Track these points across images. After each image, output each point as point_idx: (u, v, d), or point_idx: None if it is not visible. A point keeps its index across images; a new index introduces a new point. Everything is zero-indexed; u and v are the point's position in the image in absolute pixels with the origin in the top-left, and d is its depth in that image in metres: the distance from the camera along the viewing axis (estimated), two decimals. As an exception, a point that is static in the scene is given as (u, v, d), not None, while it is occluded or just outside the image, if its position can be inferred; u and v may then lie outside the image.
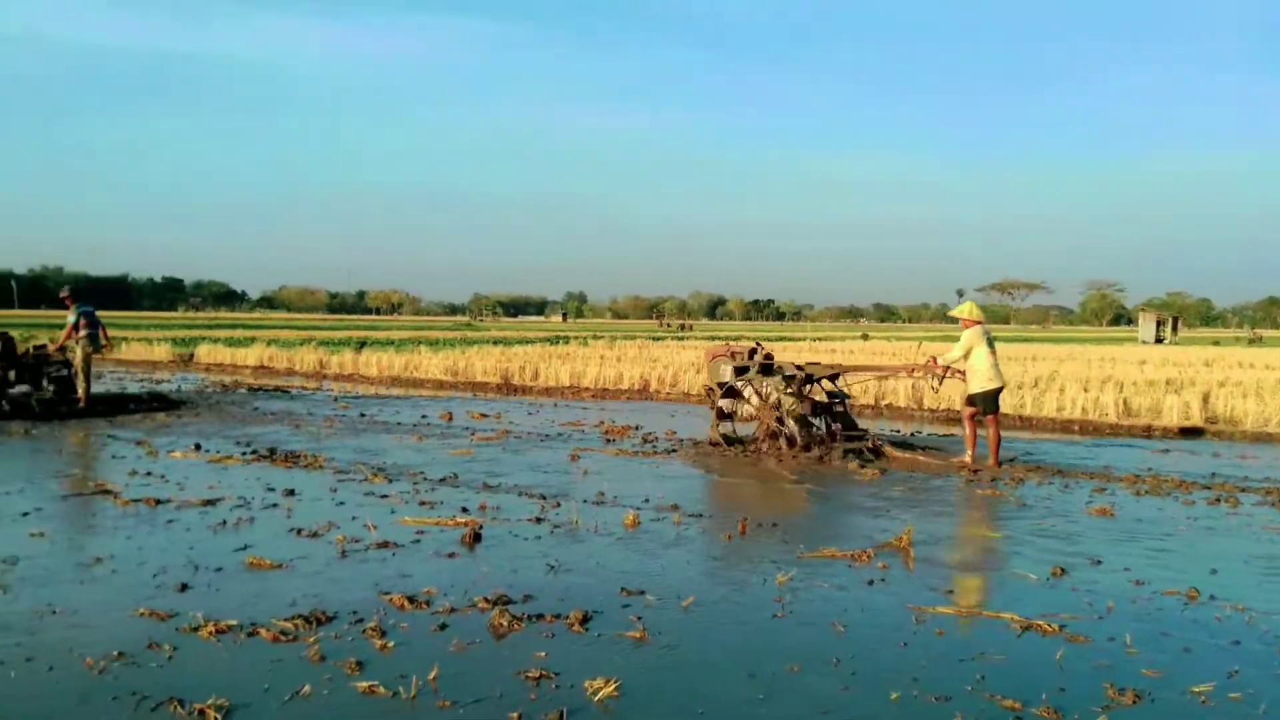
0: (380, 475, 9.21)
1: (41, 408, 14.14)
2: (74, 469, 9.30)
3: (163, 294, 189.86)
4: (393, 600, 5.28)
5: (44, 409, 14.10)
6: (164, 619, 4.90)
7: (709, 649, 4.70)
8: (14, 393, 14.52)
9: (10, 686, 4.07)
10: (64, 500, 7.81)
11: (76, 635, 4.69)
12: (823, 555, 6.48)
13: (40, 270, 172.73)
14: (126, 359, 28.61)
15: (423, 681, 4.13)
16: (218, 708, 3.82)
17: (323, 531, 6.86)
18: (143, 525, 6.99)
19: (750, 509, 7.99)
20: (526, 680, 4.20)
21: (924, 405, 17.03)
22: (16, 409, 14.00)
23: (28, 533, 6.68)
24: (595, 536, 6.94)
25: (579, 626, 4.90)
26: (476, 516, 7.40)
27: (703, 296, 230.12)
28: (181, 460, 9.95)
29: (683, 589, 5.63)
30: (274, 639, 4.66)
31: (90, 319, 14.77)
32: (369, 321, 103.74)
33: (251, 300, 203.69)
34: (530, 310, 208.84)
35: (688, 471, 9.95)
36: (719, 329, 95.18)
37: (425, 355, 24.93)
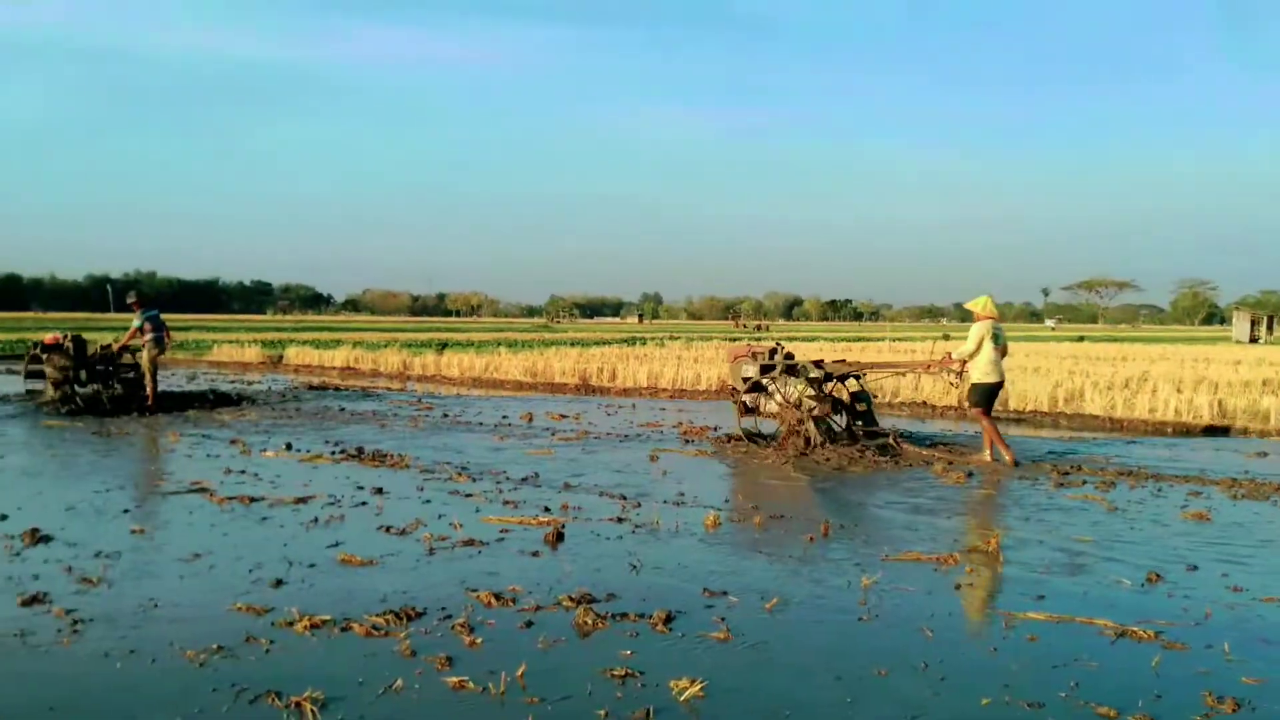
0: (464, 474, 9.35)
1: (112, 405, 15.02)
2: (170, 468, 9.61)
3: (251, 297, 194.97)
4: (480, 597, 5.36)
5: (115, 406, 14.98)
6: (260, 613, 5.05)
7: (794, 650, 4.69)
8: (84, 391, 15.46)
9: (116, 678, 4.22)
10: (162, 498, 8.08)
11: (177, 629, 4.85)
12: (908, 558, 6.42)
13: (134, 274, 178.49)
14: (219, 360, 29.44)
15: (511, 678, 4.19)
16: (313, 700, 3.92)
17: (410, 529, 6.99)
18: (238, 522, 7.20)
19: (830, 511, 7.93)
20: (612, 679, 4.24)
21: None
22: (89, 405, 14.91)
23: (129, 529, 6.92)
24: (676, 537, 6.97)
25: (663, 626, 4.93)
26: (558, 516, 7.48)
27: (779, 297, 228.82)
28: (274, 459, 10.22)
29: (766, 590, 5.62)
30: (366, 634, 4.77)
31: (155, 323, 15.50)
32: (449, 324, 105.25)
33: (337, 303, 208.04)
34: (606, 311, 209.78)
35: (760, 471, 9.91)
36: (795, 329, 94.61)
37: (505, 356, 25.23)
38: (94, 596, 5.32)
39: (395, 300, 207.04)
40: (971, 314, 11.07)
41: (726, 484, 9.14)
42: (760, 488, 8.97)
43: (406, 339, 40.70)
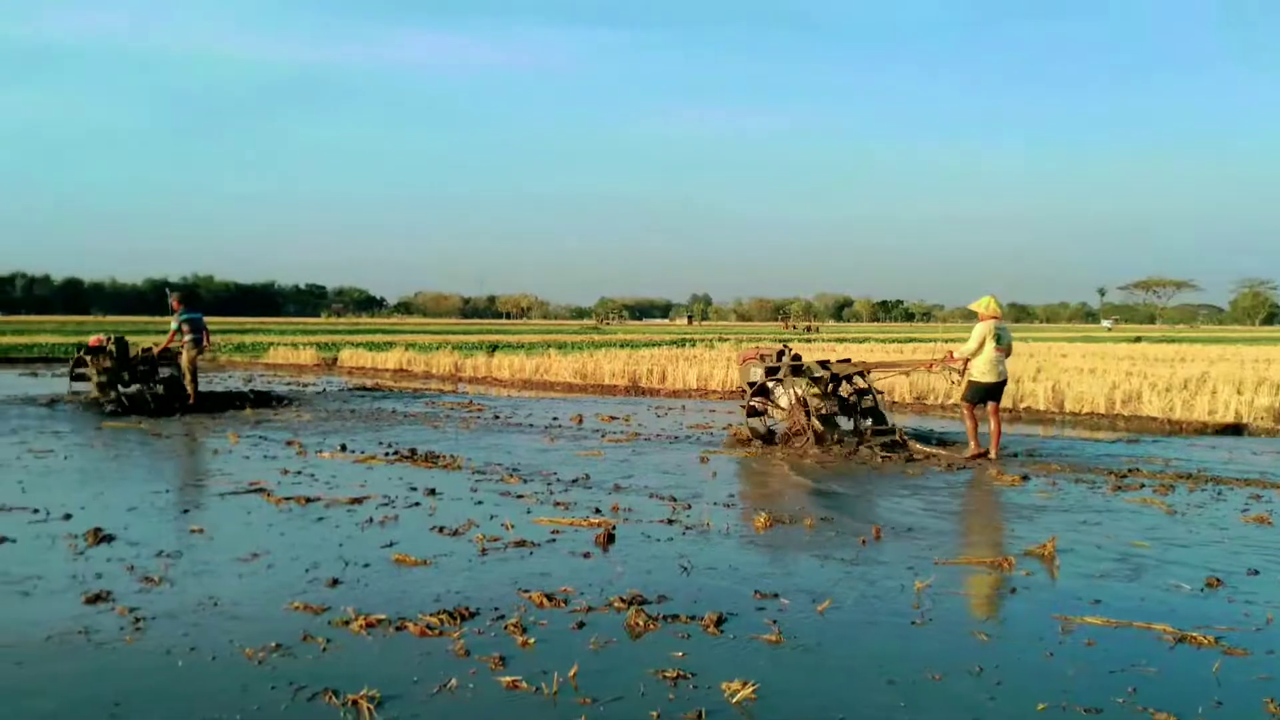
0: (515, 476, 9.41)
1: (156, 404, 15.62)
2: (228, 468, 9.77)
3: (306, 300, 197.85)
4: (532, 598, 5.40)
5: (158, 405, 15.57)
6: (317, 612, 5.13)
7: (846, 654, 4.66)
8: (128, 391, 16.10)
9: (178, 675, 4.31)
10: (221, 498, 8.22)
11: (236, 626, 4.94)
12: (962, 562, 6.36)
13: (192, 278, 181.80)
14: (274, 363, 29.91)
15: (563, 678, 4.22)
16: (370, 698, 3.97)
17: (463, 530, 7.06)
18: (295, 522, 7.32)
19: (881, 515, 7.88)
20: (664, 680, 4.25)
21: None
22: (133, 405, 15.51)
23: (189, 529, 7.06)
24: (727, 538, 6.96)
25: (714, 628, 4.93)
26: (609, 517, 7.50)
27: (829, 297, 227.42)
28: (330, 460, 10.37)
29: (818, 592, 5.60)
30: (420, 633, 4.82)
31: (195, 324, 16.01)
32: (500, 325, 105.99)
33: (390, 306, 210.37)
34: (655, 313, 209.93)
35: (820, 475, 9.86)
36: (845, 330, 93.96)
37: (555, 358, 25.35)
38: (155, 595, 5.43)
39: (446, 302, 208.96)
40: (976, 314, 11.24)
41: (775, 485, 9.11)
42: (807, 490, 8.92)
43: (457, 341, 41.06)
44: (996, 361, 10.98)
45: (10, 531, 6.84)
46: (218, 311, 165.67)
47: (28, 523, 7.17)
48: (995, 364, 10.98)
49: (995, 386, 11.06)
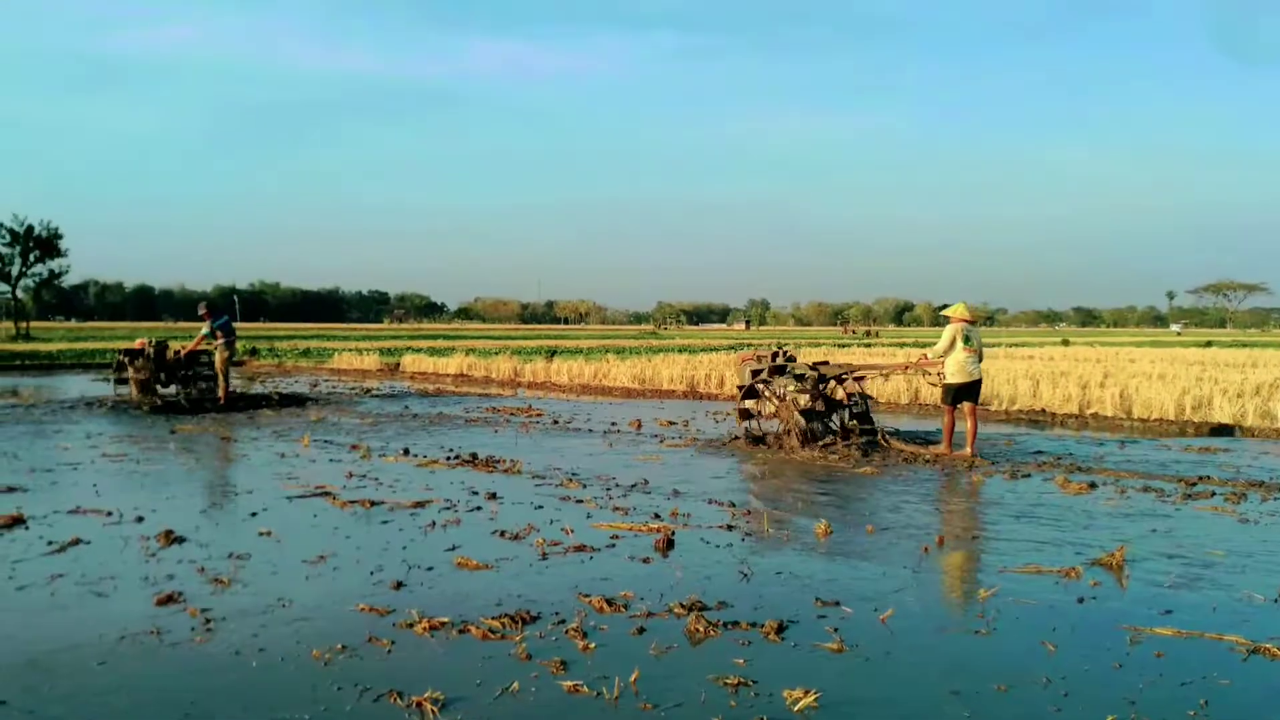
0: (574, 480, 9.46)
1: (190, 404, 16.74)
2: (295, 471, 9.95)
3: (369, 306, 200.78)
4: (592, 602, 5.43)
5: (192, 405, 16.67)
6: (382, 614, 5.20)
7: (910, 663, 4.62)
8: (165, 392, 17.46)
9: (247, 676, 4.40)
10: (288, 501, 8.37)
11: (303, 628, 5.03)
12: (1028, 570, 6.26)
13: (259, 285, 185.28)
14: (339, 368, 30.36)
15: (624, 683, 4.23)
16: (434, 700, 4.02)
17: (523, 534, 7.11)
18: (359, 525, 7.43)
19: (945, 522, 7.79)
20: (725, 687, 4.24)
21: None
22: (169, 405, 16.57)
23: (256, 531, 7.20)
24: (787, 545, 6.93)
25: (775, 635, 4.91)
26: (668, 523, 7.51)
27: (889, 302, 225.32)
28: (393, 464, 10.51)
29: (880, 601, 5.55)
30: (483, 636, 4.87)
31: (226, 330, 17.00)
32: (558, 331, 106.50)
33: (450, 311, 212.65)
34: (713, 318, 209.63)
35: (877, 481, 9.77)
36: (905, 335, 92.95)
37: (613, 363, 25.42)
38: (226, 596, 5.55)
39: (505, 308, 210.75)
40: (949, 317, 11.72)
41: (834, 491, 9.04)
42: (867, 497, 8.85)
43: (516, 346, 41.36)
44: (968, 362, 11.40)
45: (86, 533, 7.03)
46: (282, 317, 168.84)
47: (102, 525, 7.36)
48: (966, 365, 11.40)
49: (968, 386, 11.44)
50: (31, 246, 59.89)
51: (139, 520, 7.51)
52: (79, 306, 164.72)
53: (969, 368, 11.42)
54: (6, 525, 7.28)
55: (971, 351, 11.44)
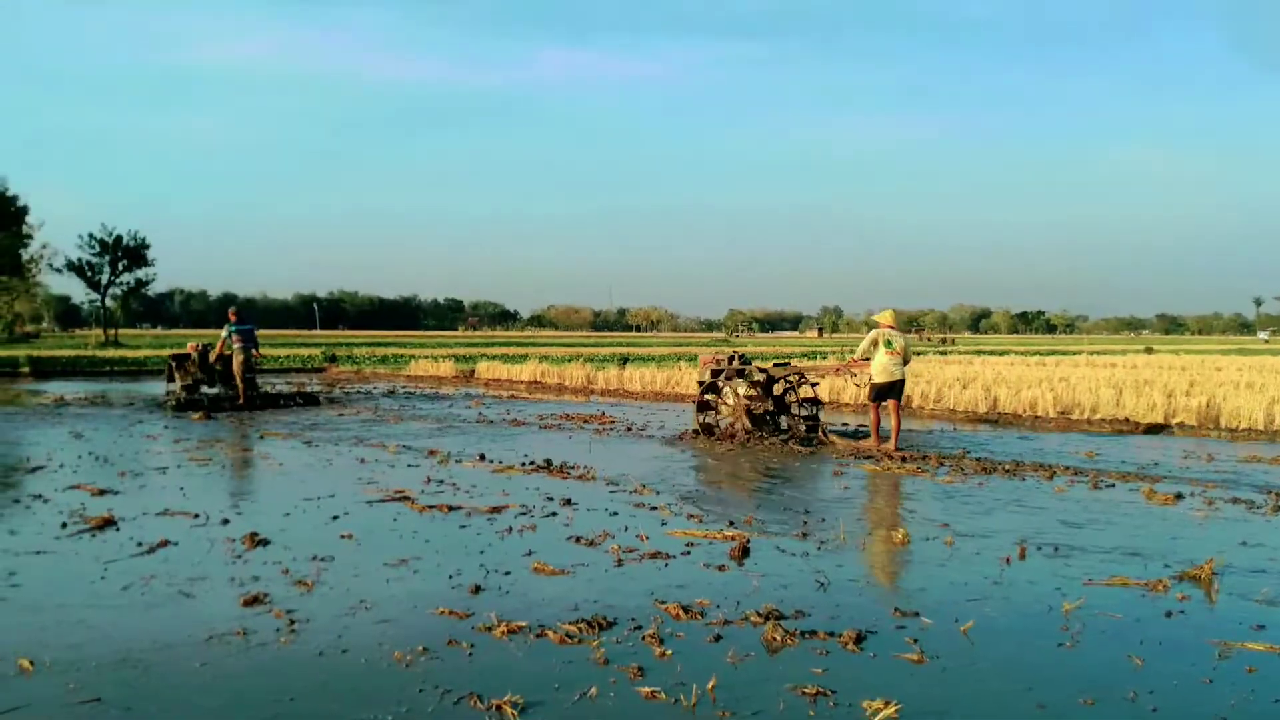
0: (648, 487, 9.47)
1: (229, 404, 18.55)
2: (375, 476, 10.12)
3: (444, 313, 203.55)
4: (668, 609, 5.43)
5: (230, 404, 18.52)
6: (461, 618, 5.26)
7: (992, 676, 4.53)
8: (210, 392, 19.18)
9: (331, 677, 4.48)
10: (369, 505, 8.52)
11: (384, 630, 5.11)
12: (1114, 583, 6.11)
13: (338, 293, 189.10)
14: (415, 375, 30.82)
15: (701, 690, 4.22)
16: (513, 704, 4.06)
17: (599, 540, 7.14)
18: (438, 529, 7.53)
19: (1026, 533, 7.63)
20: (803, 696, 4.21)
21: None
22: (212, 404, 18.38)
23: (339, 534, 7.34)
24: (863, 554, 6.86)
25: (853, 645, 4.86)
26: (743, 530, 7.48)
27: (965, 309, 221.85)
28: (470, 469, 10.64)
29: (960, 612, 5.46)
30: (560, 641, 4.90)
31: (245, 336, 18.76)
32: (630, 338, 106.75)
33: (523, 319, 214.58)
34: (785, 325, 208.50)
35: (954, 489, 9.62)
36: (982, 342, 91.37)
37: (685, 370, 25.39)
38: (309, 598, 5.66)
39: (578, 315, 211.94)
40: (877, 323, 12.90)
41: (912, 500, 8.92)
42: (944, 505, 8.71)
43: (589, 354, 41.55)
44: (890, 364, 12.54)
45: (174, 535, 7.23)
46: (360, 325, 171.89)
47: (189, 527, 7.57)
48: (889, 366, 12.54)
49: (891, 385, 12.59)
50: (120, 256, 61.79)
51: (225, 523, 7.70)
52: (165, 314, 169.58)
53: (891, 369, 12.53)
54: (99, 526, 7.51)
55: (894, 354, 12.59)
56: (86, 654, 4.69)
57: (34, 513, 8.08)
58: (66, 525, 7.55)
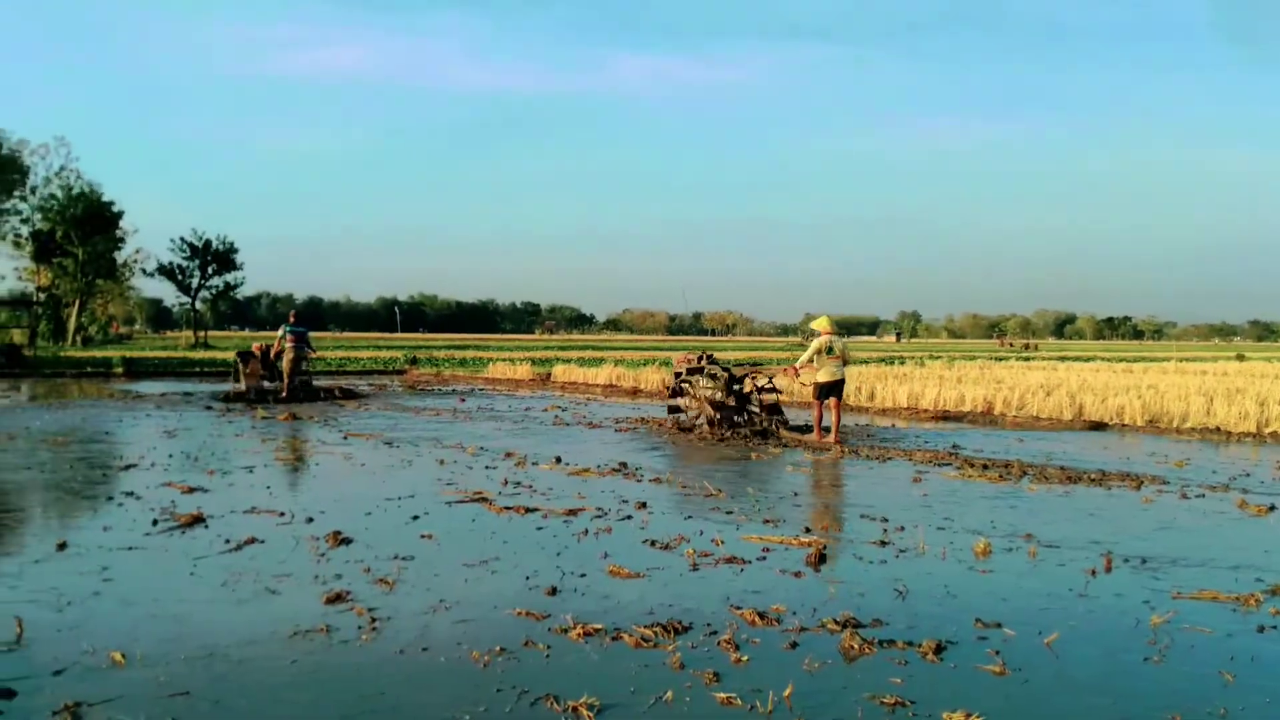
0: (722, 491, 9.45)
1: (290, 397, 20.73)
2: (454, 478, 10.25)
3: (521, 317, 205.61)
4: (744, 615, 5.41)
5: (290, 397, 20.71)
6: (538, 619, 5.31)
7: (1076, 689, 4.43)
8: (270, 387, 21.39)
9: (411, 675, 4.54)
10: (448, 506, 8.64)
11: (463, 630, 5.18)
12: (1203, 597, 5.92)
13: (418, 297, 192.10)
14: (493, 378, 31.17)
15: (778, 697, 4.20)
16: (589, 706, 4.08)
17: (674, 544, 7.14)
18: (515, 530, 7.60)
19: (1114, 543, 7.44)
20: (882, 706, 4.16)
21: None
22: (274, 398, 20.68)
23: (419, 535, 7.45)
24: (943, 563, 6.75)
25: (933, 655, 4.79)
26: (819, 536, 7.42)
27: (1048, 314, 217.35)
28: (546, 471, 10.72)
29: (1043, 623, 5.35)
30: (636, 644, 4.91)
31: (297, 336, 21.14)
32: (705, 342, 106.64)
33: (599, 323, 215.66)
34: (861, 330, 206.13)
35: (1038, 498, 9.42)
36: (1066, 348, 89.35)
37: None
38: (390, 597, 5.76)
39: (653, 319, 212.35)
40: (817, 331, 14.35)
41: (994, 509, 8.75)
42: (1027, 514, 8.53)
43: (664, 357, 41.56)
44: (832, 366, 13.99)
45: (261, 533, 7.41)
46: (440, 328, 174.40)
47: (275, 525, 7.75)
48: (831, 368, 13.99)
49: (833, 385, 14.07)
50: (209, 260, 63.51)
51: (309, 521, 7.87)
52: (252, 317, 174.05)
53: (833, 370, 14.01)
54: (188, 524, 7.73)
55: (835, 358, 14.05)
56: (176, 648, 4.82)
57: (126, 510, 8.34)
58: (157, 522, 7.78)
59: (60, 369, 31.56)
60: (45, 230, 60.93)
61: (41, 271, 63.24)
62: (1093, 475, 10.83)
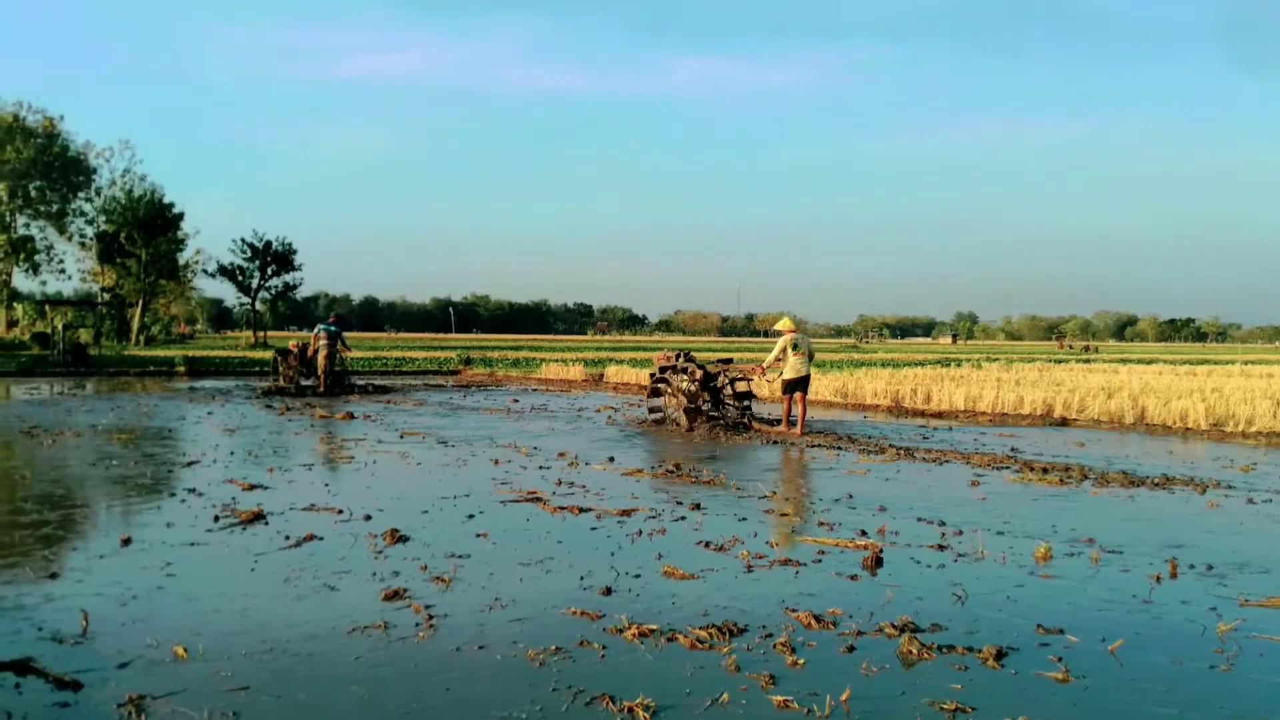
0: (775, 493, 9.39)
1: (311, 390, 22.70)
2: (509, 478, 10.30)
3: (574, 318, 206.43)
4: (799, 618, 5.37)
5: (326, 391, 22.58)
6: (593, 619, 5.31)
7: (1142, 697, 4.34)
8: (307, 383, 23.31)
9: (468, 672, 4.57)
10: (502, 505, 8.68)
11: (518, 628, 5.19)
12: (1273, 604, 5.77)
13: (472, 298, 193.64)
14: (546, 378, 31.31)
15: (835, 701, 4.16)
16: (645, 707, 4.07)
17: (728, 546, 7.11)
18: (569, 530, 7.62)
19: (1178, 549, 7.27)
20: (941, 712, 4.11)
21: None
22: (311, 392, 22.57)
23: (474, 533, 7.50)
24: (1003, 568, 6.64)
25: (994, 662, 4.71)
26: (875, 540, 7.34)
27: (1109, 316, 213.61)
28: (600, 472, 10.74)
29: (1107, 630, 5.24)
30: (691, 646, 4.90)
31: (331, 335, 22.93)
32: (758, 344, 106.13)
33: (651, 324, 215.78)
34: (917, 331, 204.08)
35: (1100, 503, 9.24)
36: (1128, 351, 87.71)
37: (814, 377, 25.08)
38: (447, 594, 5.79)
39: (705, 320, 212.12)
40: (782, 331, 15.30)
41: (1054, 514, 8.60)
42: (1090, 519, 8.37)
43: (716, 358, 41.45)
44: (798, 363, 14.96)
45: (320, 530, 7.50)
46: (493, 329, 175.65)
47: (333, 522, 7.84)
48: (797, 365, 14.97)
49: (799, 381, 15.06)
50: (269, 261, 64.52)
51: (366, 519, 7.95)
52: (310, 317, 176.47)
53: (799, 366, 14.98)
54: (249, 520, 7.85)
55: (800, 355, 15.00)
56: (237, 643, 4.90)
57: (189, 506, 8.50)
58: (219, 518, 7.91)
59: (124, 368, 32.25)
60: (110, 231, 62.35)
61: (106, 272, 64.76)
62: (1156, 480, 10.61)
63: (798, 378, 15.01)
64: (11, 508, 8.45)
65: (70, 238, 66.07)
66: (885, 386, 22.29)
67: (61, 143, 64.67)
